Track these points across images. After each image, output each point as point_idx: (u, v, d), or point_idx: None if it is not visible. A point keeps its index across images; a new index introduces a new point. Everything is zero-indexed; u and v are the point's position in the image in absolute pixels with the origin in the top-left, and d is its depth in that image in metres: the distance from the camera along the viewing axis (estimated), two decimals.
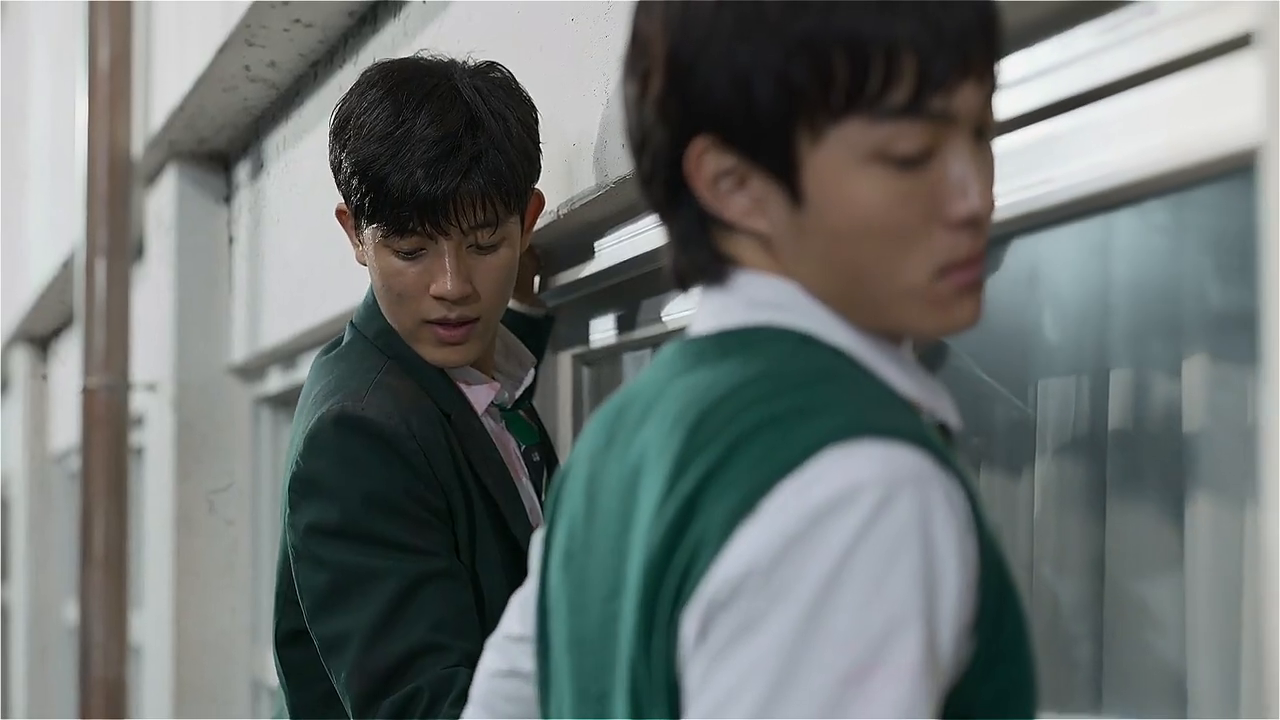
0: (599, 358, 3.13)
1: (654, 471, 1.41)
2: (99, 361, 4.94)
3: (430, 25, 3.23)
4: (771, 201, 1.41)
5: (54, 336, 8.41)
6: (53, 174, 6.89)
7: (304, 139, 4.20)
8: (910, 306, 1.41)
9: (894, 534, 1.28)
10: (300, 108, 4.26)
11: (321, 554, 2.32)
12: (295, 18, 3.77)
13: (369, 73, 2.42)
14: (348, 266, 3.01)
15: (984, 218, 1.40)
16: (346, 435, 2.32)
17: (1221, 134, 1.56)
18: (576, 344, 3.09)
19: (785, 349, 1.41)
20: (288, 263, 4.36)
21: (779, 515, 1.30)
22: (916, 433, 1.33)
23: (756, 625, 1.29)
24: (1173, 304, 1.92)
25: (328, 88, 3.96)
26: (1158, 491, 1.94)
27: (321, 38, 3.91)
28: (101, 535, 4.91)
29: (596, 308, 3.01)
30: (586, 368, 3.17)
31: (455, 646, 2.26)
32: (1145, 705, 1.94)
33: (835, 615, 1.27)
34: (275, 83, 4.31)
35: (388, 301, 2.42)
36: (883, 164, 1.37)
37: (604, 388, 3.17)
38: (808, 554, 1.28)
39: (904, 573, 1.28)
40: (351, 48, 3.80)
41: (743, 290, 1.45)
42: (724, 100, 1.39)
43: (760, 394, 1.37)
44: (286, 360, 4.66)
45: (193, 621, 5.03)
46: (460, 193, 2.33)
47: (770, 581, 1.29)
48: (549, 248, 2.94)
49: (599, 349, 3.06)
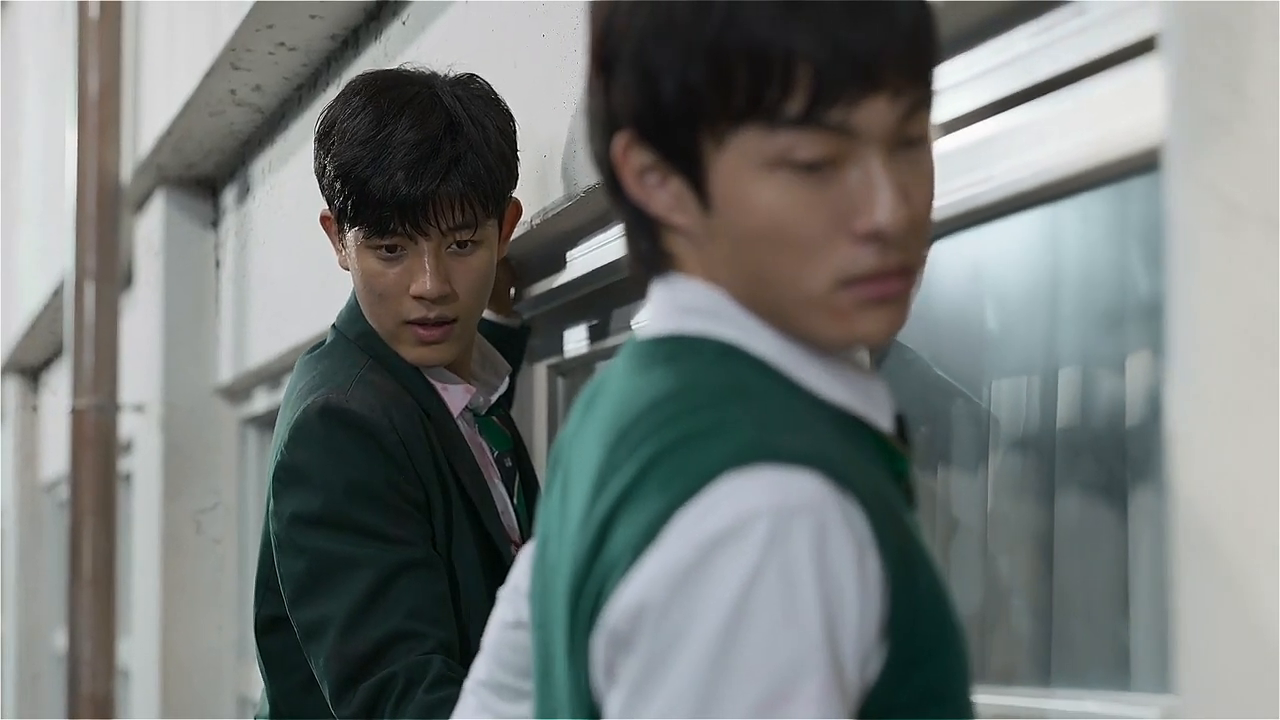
0: (573, 367, 3.21)
1: (579, 484, 1.44)
2: (88, 383, 5.02)
3: (409, 47, 3.32)
4: (687, 202, 1.42)
5: (44, 367, 8.48)
6: (44, 204, 6.98)
7: (289, 162, 4.28)
8: (812, 315, 1.40)
9: (788, 564, 1.29)
10: (285, 131, 4.34)
11: (303, 542, 2.39)
12: (279, 41, 3.86)
13: (353, 82, 2.52)
14: (330, 285, 3.10)
15: (894, 233, 1.37)
16: (331, 426, 2.40)
17: (1134, 131, 1.64)
18: (551, 355, 3.17)
19: (704, 362, 1.42)
20: (273, 283, 4.44)
21: (674, 546, 1.31)
22: (816, 455, 1.34)
23: (662, 668, 1.31)
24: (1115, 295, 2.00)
25: (312, 110, 4.05)
26: (1100, 477, 2.03)
27: (305, 61, 4.00)
28: (90, 553, 4.99)
29: (570, 318, 3.09)
30: (561, 378, 3.24)
31: (431, 634, 2.33)
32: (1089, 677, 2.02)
33: (740, 652, 1.28)
34: (260, 106, 4.40)
35: (369, 302, 2.50)
36: (785, 171, 1.36)
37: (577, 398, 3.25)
38: (703, 589, 1.29)
39: (802, 602, 1.29)
40: (334, 70, 3.89)
41: (675, 294, 1.46)
42: (636, 98, 1.40)
43: (671, 413, 1.37)
44: (272, 380, 4.74)
45: (180, 638, 5.10)
46: (439, 194, 2.41)
47: (668, 618, 1.30)
48: (523, 259, 3.02)
49: (573, 358, 3.14)
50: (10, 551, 8.93)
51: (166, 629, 5.10)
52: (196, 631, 5.10)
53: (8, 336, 8.39)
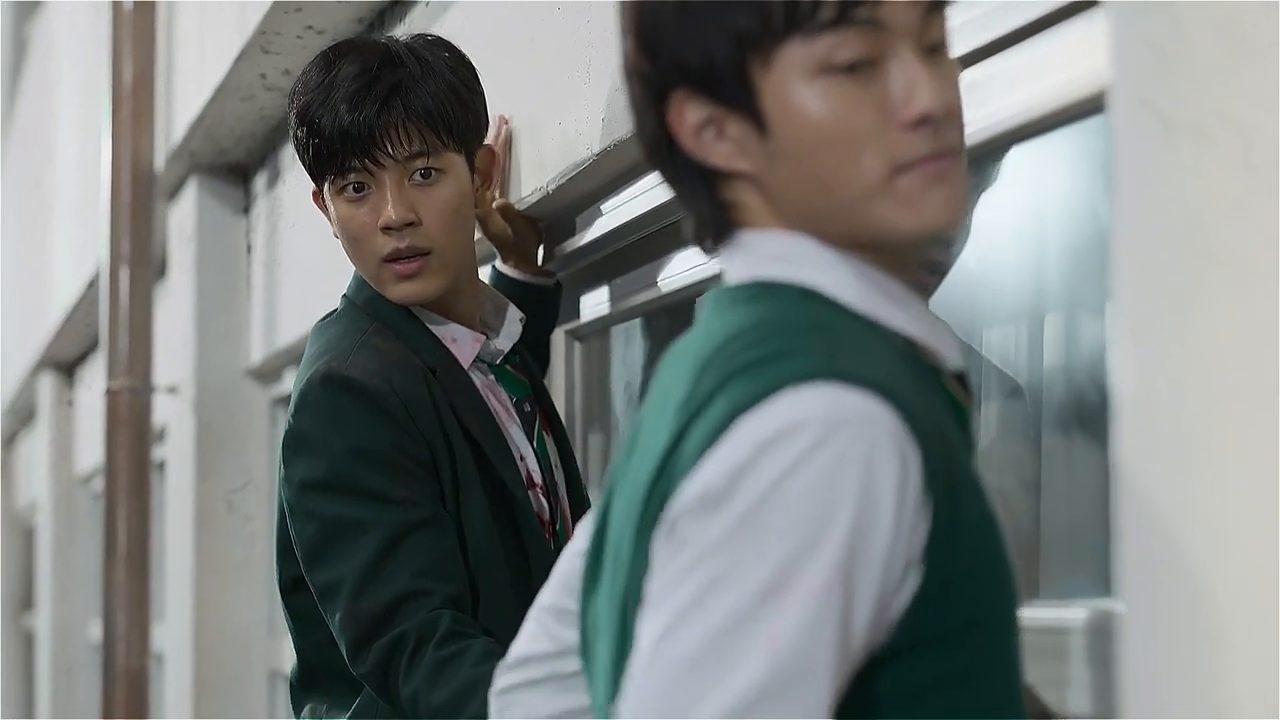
0: (589, 332, 3.31)
1: (656, 424, 1.52)
2: (122, 365, 5.14)
3: (433, 27, 3.41)
4: (747, 139, 1.51)
5: (79, 362, 8.57)
6: (78, 196, 7.08)
7: None
8: (879, 209, 1.49)
9: (829, 467, 1.38)
10: None
11: (312, 507, 2.47)
12: (308, 24, 3.96)
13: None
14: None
15: (940, 116, 1.48)
16: (333, 393, 2.48)
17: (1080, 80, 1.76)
18: (568, 319, 3.24)
19: (784, 303, 1.51)
20: (302, 266, 4.55)
21: (733, 445, 1.40)
22: (879, 380, 1.42)
23: (692, 541, 1.40)
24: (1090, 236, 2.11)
25: None
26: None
27: (332, 43, 4.09)
28: (124, 532, 5.10)
29: (586, 283, 3.18)
30: (578, 343, 3.33)
31: (439, 590, 2.40)
32: (1076, 589, 2.13)
33: (762, 535, 1.37)
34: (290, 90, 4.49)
35: (351, 251, 2.59)
36: (830, 76, 1.47)
37: (594, 362, 3.36)
38: (749, 479, 1.38)
39: (833, 504, 1.37)
40: None
41: (752, 246, 1.55)
42: (685, 52, 1.51)
43: (749, 341, 1.47)
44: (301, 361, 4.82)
45: (212, 615, 5.21)
46: (382, 121, 2.51)
47: (715, 504, 1.40)
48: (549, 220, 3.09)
49: (589, 323, 3.22)
50: (46, 545, 9.02)
51: (199, 605, 5.21)
52: (228, 607, 5.21)
53: (43, 332, 8.49)
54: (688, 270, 2.82)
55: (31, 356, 9.13)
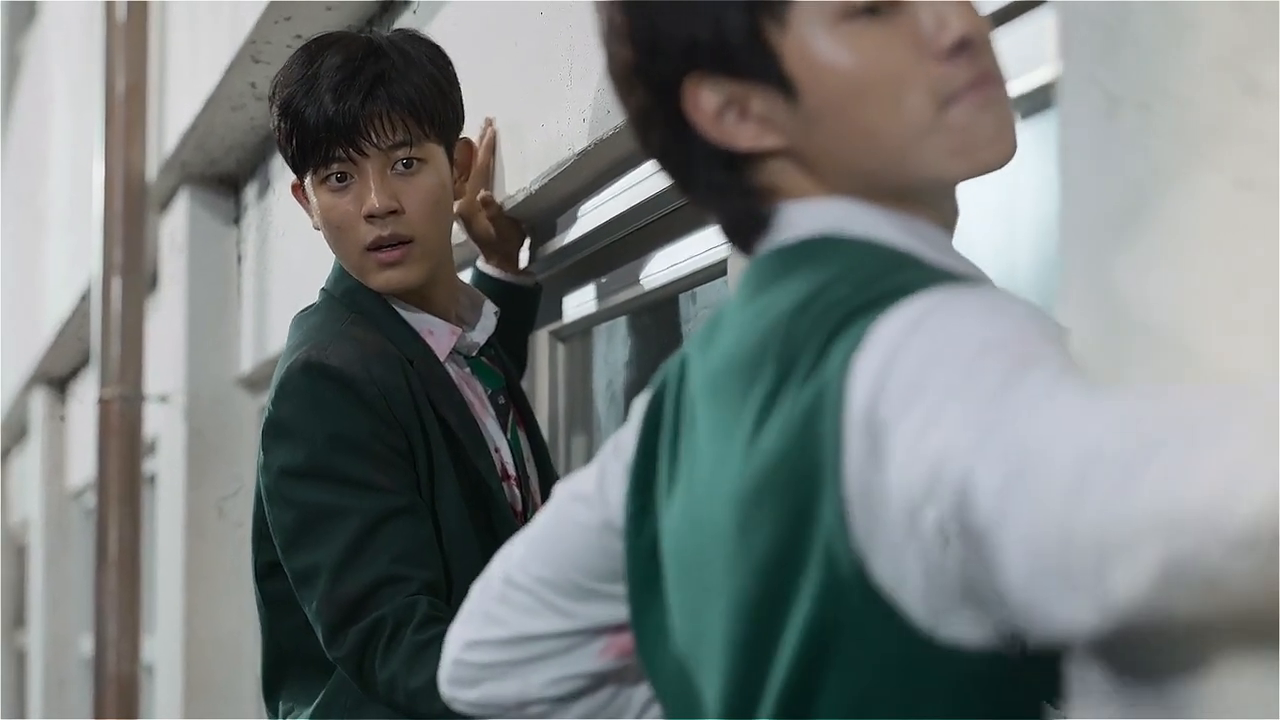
0: (572, 333, 3.35)
1: (726, 400, 1.43)
2: (114, 374, 5.20)
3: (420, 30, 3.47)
4: (775, 110, 1.43)
5: (72, 377, 8.59)
6: (70, 213, 7.13)
7: None
8: (929, 152, 1.42)
9: (983, 309, 1.30)
10: None
11: (290, 494, 2.50)
12: (297, 34, 4.00)
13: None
14: None
15: (975, 38, 1.41)
16: (312, 381, 2.51)
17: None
18: (551, 320, 3.29)
19: (850, 252, 1.42)
20: (292, 275, 4.60)
21: (884, 336, 1.30)
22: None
23: (925, 380, 1.26)
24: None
25: None
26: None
27: None
28: (115, 539, 5.15)
29: (569, 283, 3.23)
30: (561, 343, 3.37)
31: (416, 576, 2.44)
32: None
33: (991, 338, 1.26)
34: None
35: (333, 241, 2.63)
36: (849, 20, 1.40)
37: (578, 363, 3.40)
38: (933, 328, 1.28)
39: (1028, 314, 1.30)
40: None
41: (797, 213, 1.46)
42: (691, 32, 1.43)
43: (852, 287, 1.37)
44: None
45: (202, 621, 5.26)
46: (366, 110, 2.56)
47: (909, 356, 1.27)
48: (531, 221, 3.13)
49: (572, 324, 3.27)
50: (38, 561, 9.04)
51: (189, 611, 5.26)
52: (219, 614, 5.25)
53: (35, 347, 8.53)
54: (670, 268, 2.87)
55: (24, 372, 9.16)
